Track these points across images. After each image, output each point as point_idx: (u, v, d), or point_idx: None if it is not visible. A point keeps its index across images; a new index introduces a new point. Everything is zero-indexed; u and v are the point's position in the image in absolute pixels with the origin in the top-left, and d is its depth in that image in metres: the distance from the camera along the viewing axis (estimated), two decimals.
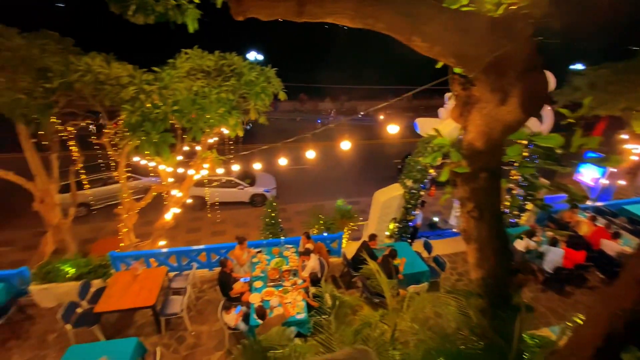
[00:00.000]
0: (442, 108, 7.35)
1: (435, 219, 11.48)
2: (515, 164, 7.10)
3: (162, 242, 8.08)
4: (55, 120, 7.06)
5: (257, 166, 7.89)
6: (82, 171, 8.71)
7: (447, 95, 7.30)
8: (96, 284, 6.28)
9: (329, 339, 2.34)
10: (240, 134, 7.01)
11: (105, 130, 7.27)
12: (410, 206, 7.56)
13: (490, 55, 1.83)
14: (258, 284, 5.77)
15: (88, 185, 10.15)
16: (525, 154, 5.27)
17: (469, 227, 2.76)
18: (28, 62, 5.90)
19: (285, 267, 6.13)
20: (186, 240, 10.53)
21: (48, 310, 6.23)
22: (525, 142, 5.84)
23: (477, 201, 2.60)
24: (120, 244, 7.93)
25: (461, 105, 2.44)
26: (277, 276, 5.87)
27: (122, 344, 4.71)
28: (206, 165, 7.80)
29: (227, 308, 5.01)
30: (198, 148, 7.73)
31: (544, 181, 7.41)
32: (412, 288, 6.01)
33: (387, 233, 7.72)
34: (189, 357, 5.42)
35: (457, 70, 2.56)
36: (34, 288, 6.12)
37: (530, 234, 7.12)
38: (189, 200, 11.40)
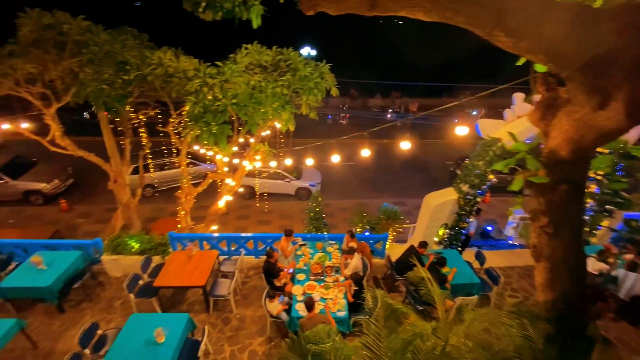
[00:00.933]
0: (509, 109, 6.76)
1: (489, 228, 10.71)
2: (598, 177, 6.25)
3: (214, 227, 8.58)
4: (129, 108, 7.80)
5: (309, 162, 7.99)
6: (149, 156, 9.58)
7: (516, 95, 6.69)
8: (156, 260, 6.88)
9: (377, 344, 2.27)
10: (292, 128, 7.14)
11: (171, 120, 7.86)
12: (464, 213, 7.11)
13: (592, 52, 1.59)
14: (301, 276, 5.87)
15: (153, 169, 11.16)
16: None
17: (541, 244, 2.48)
18: (111, 55, 6.56)
19: (328, 263, 6.15)
20: (235, 226, 11.09)
21: (116, 279, 6.98)
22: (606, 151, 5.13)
23: (553, 215, 2.33)
24: (178, 225, 8.58)
25: (544, 107, 2.18)
26: (320, 271, 5.91)
27: (175, 318, 5.10)
28: (258, 157, 8.10)
29: (271, 297, 5.17)
30: (252, 140, 8.02)
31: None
32: (460, 300, 5.67)
33: (436, 239, 7.36)
34: (233, 339, 5.71)
35: (539, 68, 2.29)
36: (105, 258, 6.90)
37: (604, 255, 6.29)
38: (240, 189, 11.99)
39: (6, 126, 6.30)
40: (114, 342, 4.76)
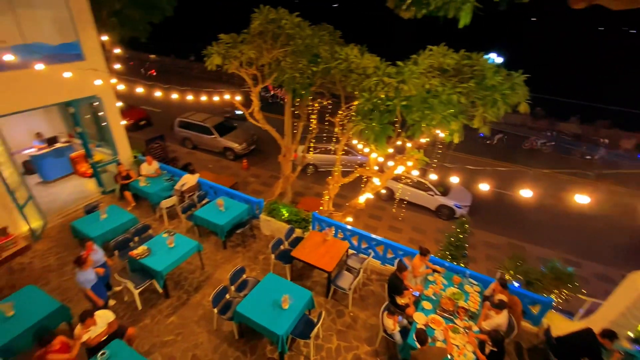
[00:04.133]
0: None
1: None
2: None
3: (349, 219, 8.87)
4: (309, 96, 8.81)
5: (454, 179, 7.15)
6: (312, 140, 10.70)
7: None
8: (297, 232, 7.68)
9: None
10: (456, 140, 6.41)
11: (339, 112, 8.42)
12: None
13: None
14: (427, 305, 5.30)
15: (314, 151, 12.47)
16: None
17: None
18: (309, 48, 7.47)
19: (462, 304, 5.30)
20: (365, 223, 11.20)
21: (265, 236, 8.23)
22: None
23: None
24: (320, 207, 9.31)
25: None
26: (451, 309, 5.17)
27: (301, 292, 5.53)
28: (410, 163, 7.75)
29: (390, 312, 4.88)
30: (409, 145, 7.70)
31: None
32: None
33: (631, 335, 5.22)
34: (342, 334, 5.78)
35: None
36: (262, 216, 8.19)
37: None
38: (383, 191, 11.97)
39: (227, 97, 8.23)
40: (251, 290, 5.60)
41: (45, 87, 7.44)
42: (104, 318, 4.69)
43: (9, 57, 5.95)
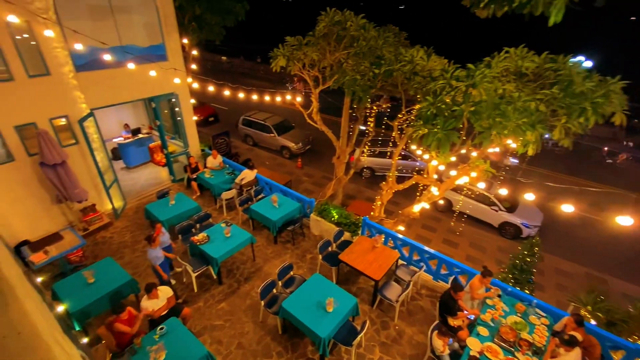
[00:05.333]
0: None
1: None
2: None
3: (401, 227, 8.51)
4: (368, 99, 8.66)
5: (528, 196, 6.39)
6: (369, 143, 10.54)
7: None
8: (345, 236, 7.59)
9: None
10: (531, 152, 5.76)
11: (399, 115, 8.13)
12: None
13: None
14: (483, 331, 4.82)
15: (369, 154, 12.27)
16: None
17: None
18: (372, 50, 7.34)
19: (525, 335, 4.72)
20: (418, 233, 10.66)
21: (314, 235, 8.30)
22: None
23: None
24: (370, 212, 9.10)
25: None
26: (512, 339, 4.63)
27: (346, 297, 5.44)
28: (474, 174, 7.17)
29: (442, 333, 4.54)
30: (474, 154, 7.14)
31: None
32: None
33: None
34: (385, 347, 5.55)
35: None
36: (312, 216, 8.27)
37: None
38: (440, 201, 11.30)
39: (288, 97, 8.48)
40: (297, 288, 5.67)
41: (135, 84, 8.46)
42: (164, 292, 5.18)
43: (107, 57, 6.88)
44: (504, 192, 7.03)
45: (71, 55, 7.09)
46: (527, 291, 6.69)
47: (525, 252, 7.29)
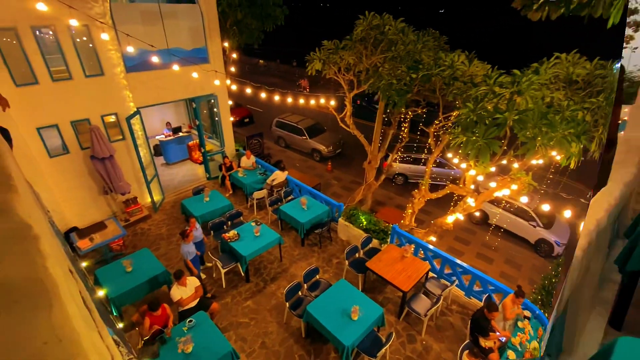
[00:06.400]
0: None
1: None
2: None
3: (432, 238, 8.20)
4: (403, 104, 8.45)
5: (567, 213, 5.94)
6: (402, 149, 10.29)
7: None
8: (374, 243, 7.44)
9: None
10: (572, 165, 5.33)
11: (436, 122, 7.86)
12: None
13: None
14: (512, 355, 4.49)
15: (397, 161, 11.97)
16: None
17: None
18: (410, 54, 7.17)
19: None
20: (450, 245, 10.21)
21: (341, 240, 8.22)
22: None
23: None
24: (400, 221, 8.85)
25: None
26: None
27: (372, 306, 5.30)
28: (514, 187, 6.75)
29: (473, 354, 4.29)
30: (515, 165, 6.72)
31: None
32: None
33: None
34: None
35: None
36: (340, 221, 8.20)
37: None
38: (476, 213, 10.76)
39: (322, 100, 8.50)
40: (322, 292, 5.62)
41: (178, 85, 8.92)
42: (192, 282, 5.37)
43: (155, 59, 7.32)
44: (546, 207, 6.55)
45: (123, 57, 7.62)
46: (546, 314, 6.14)
47: (553, 273, 6.74)
